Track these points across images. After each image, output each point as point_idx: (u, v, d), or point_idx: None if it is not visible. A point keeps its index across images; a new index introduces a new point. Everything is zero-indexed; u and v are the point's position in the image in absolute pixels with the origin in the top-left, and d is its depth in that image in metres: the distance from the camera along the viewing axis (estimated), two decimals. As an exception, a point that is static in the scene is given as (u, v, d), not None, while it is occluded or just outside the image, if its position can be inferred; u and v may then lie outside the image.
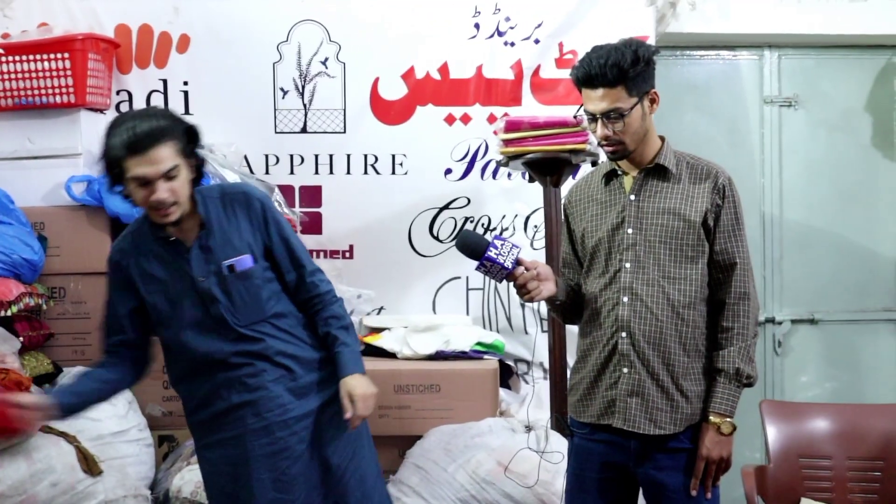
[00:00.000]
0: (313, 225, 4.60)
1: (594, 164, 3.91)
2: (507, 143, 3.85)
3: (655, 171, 2.87)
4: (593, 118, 2.80)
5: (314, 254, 4.51)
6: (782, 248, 5.05)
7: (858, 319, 5.08)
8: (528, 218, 4.70)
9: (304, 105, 4.59)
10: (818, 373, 5.10)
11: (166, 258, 2.91)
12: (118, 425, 3.85)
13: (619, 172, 2.93)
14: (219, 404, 2.94)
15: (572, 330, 4.33)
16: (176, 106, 4.50)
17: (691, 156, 2.92)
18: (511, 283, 2.82)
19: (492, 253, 2.70)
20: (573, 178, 4.20)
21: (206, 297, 2.89)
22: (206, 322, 2.90)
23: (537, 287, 2.77)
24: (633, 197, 2.87)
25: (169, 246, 2.90)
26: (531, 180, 4.04)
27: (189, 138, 2.81)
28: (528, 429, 4.00)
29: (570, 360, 4.12)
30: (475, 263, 2.77)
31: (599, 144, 2.86)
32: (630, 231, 2.85)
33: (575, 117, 2.98)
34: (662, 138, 2.92)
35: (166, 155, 2.70)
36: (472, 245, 2.74)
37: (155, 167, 2.68)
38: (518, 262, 2.73)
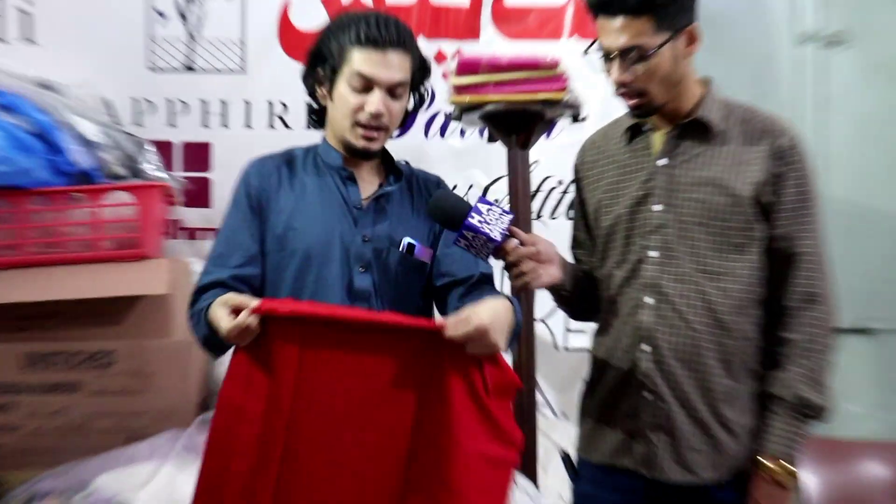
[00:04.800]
0: (199, 195, 4.54)
1: (576, 119, 3.90)
2: (459, 89, 3.79)
3: (693, 127, 2.84)
4: (608, 56, 2.77)
5: (200, 233, 4.51)
6: (826, 236, 5.02)
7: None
8: (486, 189, 4.69)
9: (190, 34, 4.54)
10: (872, 398, 5.07)
11: None
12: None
13: (646, 127, 2.90)
14: None
15: (544, 339, 4.35)
16: (13, 32, 4.45)
17: (748, 108, 2.90)
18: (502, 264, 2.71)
19: (473, 220, 2.57)
20: (547, 137, 4.18)
21: None
22: None
23: (534, 269, 2.67)
24: (662, 162, 2.84)
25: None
26: (491, 139, 4.00)
27: (423, 70, 2.93)
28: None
29: (541, 379, 4.14)
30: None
31: (616, 93, 2.83)
32: (658, 208, 2.82)
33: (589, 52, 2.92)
34: (706, 82, 2.90)
35: (403, 65, 2.80)
36: (449, 209, 2.63)
37: (388, 72, 2.77)
38: (510, 233, 2.62)
